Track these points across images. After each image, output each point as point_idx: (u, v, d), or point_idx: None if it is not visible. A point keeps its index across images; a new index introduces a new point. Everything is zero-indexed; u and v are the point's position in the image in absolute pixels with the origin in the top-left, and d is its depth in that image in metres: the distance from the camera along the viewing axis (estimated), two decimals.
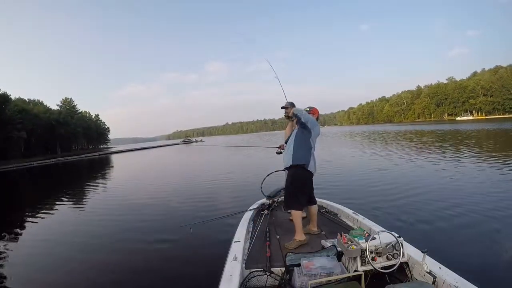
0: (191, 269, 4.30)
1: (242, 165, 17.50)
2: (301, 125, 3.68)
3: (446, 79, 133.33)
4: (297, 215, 3.51)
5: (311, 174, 3.64)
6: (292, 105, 3.90)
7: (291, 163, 3.63)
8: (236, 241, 3.30)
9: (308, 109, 4.09)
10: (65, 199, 11.40)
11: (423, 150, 18.28)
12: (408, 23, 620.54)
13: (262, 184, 5.18)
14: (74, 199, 11.39)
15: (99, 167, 30.57)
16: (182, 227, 5.71)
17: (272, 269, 2.82)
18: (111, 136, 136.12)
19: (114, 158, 43.42)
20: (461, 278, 2.32)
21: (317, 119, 4.04)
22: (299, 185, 3.62)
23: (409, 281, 2.53)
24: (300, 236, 3.47)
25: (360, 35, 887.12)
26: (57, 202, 10.77)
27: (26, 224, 8.08)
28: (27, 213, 9.40)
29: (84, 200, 11.06)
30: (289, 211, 3.80)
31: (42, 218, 8.63)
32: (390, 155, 16.94)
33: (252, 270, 2.81)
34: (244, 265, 2.92)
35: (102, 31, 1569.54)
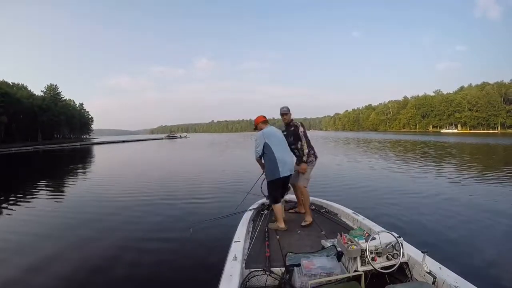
0: (191, 269, 4.24)
1: (240, 165, 17.38)
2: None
3: (433, 92, 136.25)
4: (277, 208, 4.16)
5: (280, 180, 4.18)
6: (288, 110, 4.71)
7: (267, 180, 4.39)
8: (236, 241, 3.28)
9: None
10: (43, 192, 10.74)
11: (417, 157, 19.05)
12: (399, 34, 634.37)
13: (262, 184, 5.12)
14: (55, 193, 10.83)
15: (81, 157, 29.71)
16: (182, 227, 5.71)
17: (272, 269, 2.79)
18: (94, 126, 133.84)
19: (96, 149, 42.48)
20: (461, 278, 2.33)
21: (264, 122, 4.58)
22: (274, 190, 4.26)
23: (409, 281, 2.53)
24: (280, 223, 4.11)
25: (351, 42, 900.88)
26: (33, 193, 10.30)
27: None
28: None
29: (66, 195, 10.46)
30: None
31: (13, 208, 8.27)
32: (384, 160, 17.53)
33: (252, 270, 2.79)
34: (244, 265, 2.90)
35: (90, 19, 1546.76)
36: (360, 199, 7.87)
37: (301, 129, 4.48)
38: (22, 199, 9.19)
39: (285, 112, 4.64)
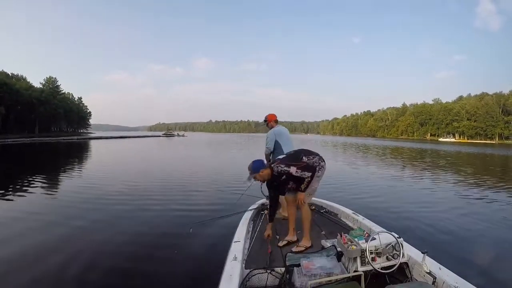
0: (190, 269, 4.21)
1: (240, 164, 17.29)
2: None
3: (432, 100, 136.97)
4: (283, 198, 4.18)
5: None
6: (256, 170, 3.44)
7: None
8: (236, 241, 3.27)
9: (265, 119, 5.01)
10: (38, 185, 10.31)
11: (418, 164, 19.04)
12: (399, 42, 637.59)
13: (261, 186, 5.06)
14: (48, 190, 10.16)
15: (78, 152, 29.36)
16: (181, 227, 5.67)
17: (272, 269, 2.80)
18: (92, 121, 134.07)
19: (93, 144, 41.84)
20: (461, 278, 2.33)
21: (275, 121, 4.96)
22: None
23: (409, 281, 2.53)
24: (284, 212, 4.31)
25: (352, 48, 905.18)
26: (26, 185, 10.04)
27: None
28: None
29: (60, 193, 9.82)
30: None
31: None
32: (385, 166, 17.47)
33: (252, 270, 2.79)
34: (244, 265, 2.89)
35: (92, 15, 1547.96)
36: (360, 199, 7.89)
37: (292, 169, 3.30)
38: (11, 193, 8.93)
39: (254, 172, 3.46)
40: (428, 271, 2.45)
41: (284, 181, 3.45)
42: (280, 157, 3.60)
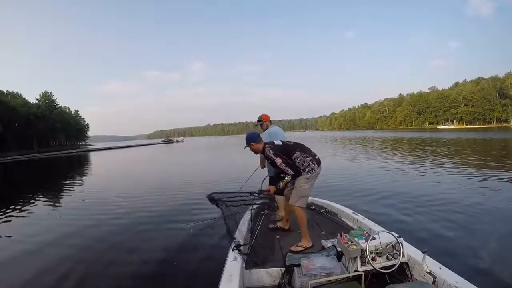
0: (191, 269, 4.22)
1: (239, 164, 17.30)
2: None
3: (429, 88, 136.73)
4: (278, 198, 4.30)
5: None
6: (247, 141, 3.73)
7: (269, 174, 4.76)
8: (236, 241, 3.27)
9: (259, 119, 4.95)
10: (42, 198, 10.69)
11: (417, 155, 18.94)
12: (392, 32, 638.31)
13: (262, 184, 5.08)
14: (52, 201, 10.64)
15: (77, 165, 29.60)
16: (181, 227, 5.71)
17: (272, 269, 2.81)
18: (90, 133, 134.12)
19: (93, 157, 42.24)
20: (461, 278, 2.32)
21: (270, 122, 4.94)
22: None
23: (409, 281, 2.52)
24: (281, 212, 4.31)
25: (344, 42, 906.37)
26: (30, 201, 10.12)
27: None
28: None
29: (64, 199, 10.43)
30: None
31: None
32: (385, 159, 17.37)
33: (252, 270, 2.80)
34: (244, 265, 2.87)
35: (83, 26, 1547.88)
36: (360, 199, 7.83)
37: (278, 160, 3.45)
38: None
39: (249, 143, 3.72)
40: (428, 271, 2.45)
41: (271, 163, 3.68)
42: (276, 142, 3.67)
